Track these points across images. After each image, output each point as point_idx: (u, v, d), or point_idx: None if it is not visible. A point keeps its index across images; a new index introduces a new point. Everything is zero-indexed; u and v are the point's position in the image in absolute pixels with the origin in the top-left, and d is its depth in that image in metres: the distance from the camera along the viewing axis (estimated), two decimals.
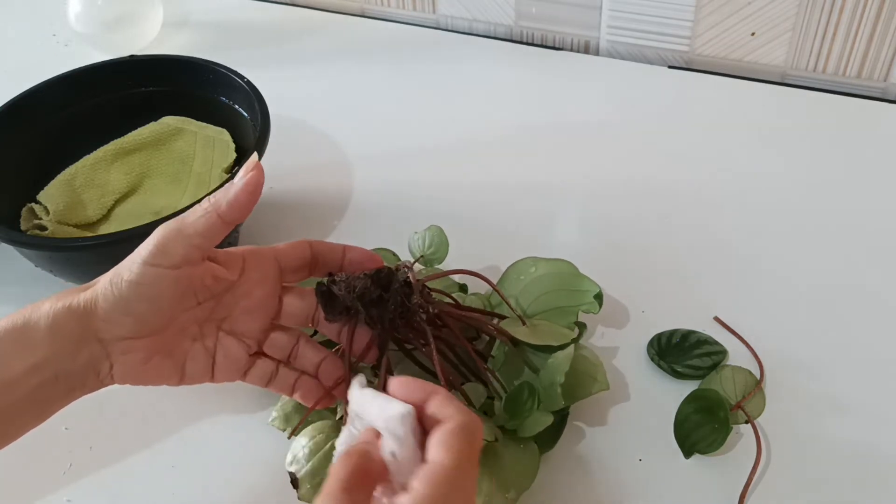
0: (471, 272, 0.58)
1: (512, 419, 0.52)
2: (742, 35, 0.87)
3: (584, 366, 0.56)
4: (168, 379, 0.48)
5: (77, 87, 0.75)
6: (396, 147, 0.83)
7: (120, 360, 0.46)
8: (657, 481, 0.54)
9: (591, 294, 0.59)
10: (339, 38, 1.00)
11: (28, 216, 0.70)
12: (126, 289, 0.44)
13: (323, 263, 0.51)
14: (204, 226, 0.45)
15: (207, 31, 1.03)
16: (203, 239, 0.45)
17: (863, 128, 0.81)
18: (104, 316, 0.44)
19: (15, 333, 0.44)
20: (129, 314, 0.45)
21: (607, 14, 0.91)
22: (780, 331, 0.62)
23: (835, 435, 0.56)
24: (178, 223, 0.45)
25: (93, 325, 0.44)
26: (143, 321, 0.45)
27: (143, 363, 0.46)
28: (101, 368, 0.45)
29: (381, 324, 0.50)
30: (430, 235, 0.64)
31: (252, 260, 0.50)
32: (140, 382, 0.47)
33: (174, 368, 0.48)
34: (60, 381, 0.44)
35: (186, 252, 0.45)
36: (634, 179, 0.77)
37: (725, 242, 0.70)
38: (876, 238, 0.69)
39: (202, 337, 0.49)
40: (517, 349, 0.56)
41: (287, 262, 0.50)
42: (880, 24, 0.81)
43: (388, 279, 0.50)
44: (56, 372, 0.44)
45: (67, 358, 0.44)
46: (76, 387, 0.45)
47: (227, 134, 0.74)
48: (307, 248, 0.51)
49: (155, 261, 0.44)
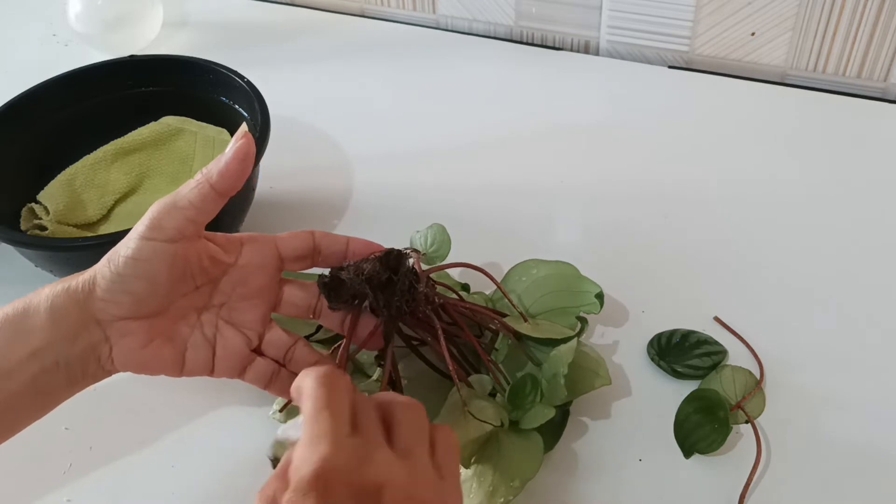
0: (474, 266, 0.58)
1: (515, 411, 0.53)
2: (742, 35, 0.87)
3: (586, 361, 0.56)
4: (168, 367, 0.48)
5: (77, 87, 0.75)
6: (396, 147, 0.83)
7: (119, 342, 0.46)
8: (657, 481, 0.54)
9: (591, 294, 0.59)
10: (339, 38, 1.00)
11: (28, 216, 0.70)
12: (123, 265, 0.45)
13: (326, 254, 0.51)
14: (197, 196, 0.46)
15: (207, 31, 1.03)
16: (197, 211, 0.46)
17: (863, 128, 0.81)
18: (102, 295, 0.45)
19: (15, 320, 0.44)
20: (127, 292, 0.45)
21: (607, 14, 0.91)
22: (780, 331, 0.62)
23: (835, 435, 0.56)
24: (172, 197, 0.46)
25: (91, 306, 0.45)
26: (141, 300, 0.45)
27: (143, 346, 0.46)
28: (100, 352, 0.45)
29: (388, 309, 0.50)
30: (432, 233, 0.64)
31: (251, 245, 0.50)
32: (141, 369, 0.47)
33: (174, 355, 0.48)
34: (61, 369, 0.45)
35: (180, 224, 0.45)
36: (634, 179, 0.77)
37: (725, 242, 0.70)
38: (876, 238, 0.69)
39: (201, 325, 0.49)
40: (520, 343, 0.56)
41: (288, 250, 0.51)
42: (880, 24, 0.81)
43: (398, 261, 0.50)
44: (57, 357, 0.44)
45: (67, 342, 0.44)
46: (77, 375, 0.45)
47: (227, 134, 0.75)
48: (310, 238, 0.51)
49: (150, 235, 0.45)
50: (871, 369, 0.59)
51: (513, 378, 0.55)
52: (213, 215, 0.47)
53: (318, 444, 0.37)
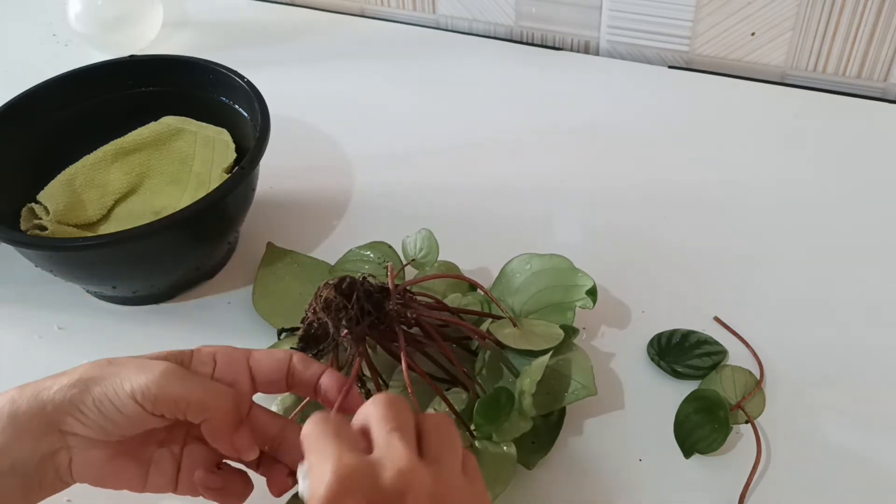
0: (459, 276, 0.58)
1: (487, 424, 0.51)
2: (742, 35, 0.87)
3: (573, 370, 0.56)
4: (129, 482, 0.46)
5: (77, 87, 0.75)
6: (396, 147, 0.83)
7: (80, 455, 0.44)
8: (657, 481, 0.54)
9: (584, 290, 0.59)
10: (339, 38, 1.00)
11: (28, 216, 0.70)
12: (107, 408, 0.43)
13: (298, 380, 0.48)
14: (206, 430, 0.45)
15: (207, 31, 1.03)
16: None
17: (863, 128, 0.81)
18: (76, 415, 0.43)
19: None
20: (101, 426, 0.44)
21: (607, 14, 0.91)
22: (780, 331, 0.62)
23: (835, 435, 0.56)
24: (180, 398, 0.44)
25: (58, 418, 0.43)
26: (113, 433, 0.44)
27: (105, 462, 0.45)
28: (59, 462, 0.44)
29: (350, 332, 0.50)
30: (420, 238, 0.64)
31: (223, 361, 0.47)
32: (100, 483, 0.46)
33: (137, 472, 0.46)
34: (17, 474, 0.43)
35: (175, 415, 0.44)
36: (635, 179, 0.77)
37: (725, 242, 0.70)
38: (875, 237, 0.69)
39: (169, 442, 0.47)
40: (503, 352, 0.56)
41: (262, 374, 0.48)
42: (880, 24, 0.81)
43: (351, 288, 0.50)
44: (13, 462, 0.42)
45: (25, 445, 0.43)
46: (34, 484, 0.44)
47: (227, 134, 0.74)
48: (285, 361, 0.48)
49: (145, 405, 0.43)
50: (871, 369, 0.59)
51: (490, 389, 0.54)
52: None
53: (326, 462, 0.36)
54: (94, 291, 0.69)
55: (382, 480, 0.36)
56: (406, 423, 0.39)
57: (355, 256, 0.67)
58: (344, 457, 0.36)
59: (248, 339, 0.62)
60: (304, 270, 0.68)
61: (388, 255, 0.66)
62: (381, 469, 0.37)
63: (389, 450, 0.37)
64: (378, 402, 0.40)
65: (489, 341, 0.56)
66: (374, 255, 0.66)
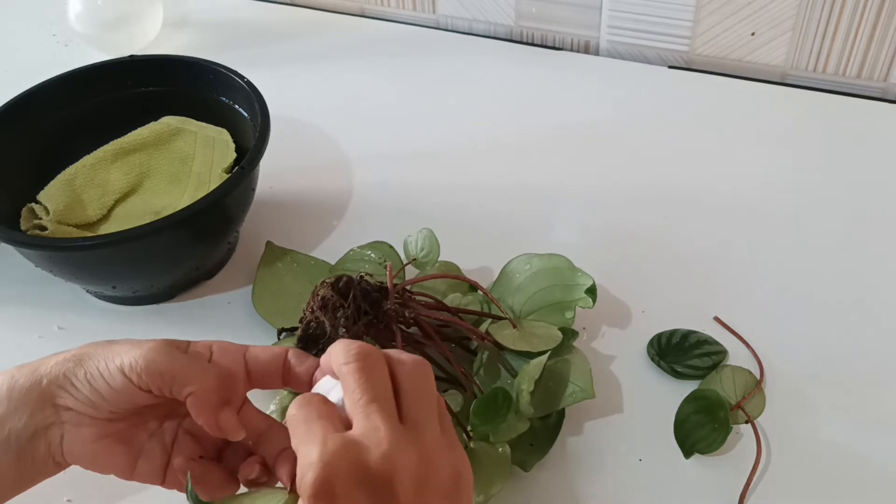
0: (458, 276, 0.58)
1: (483, 425, 0.51)
2: (742, 35, 0.87)
3: (571, 373, 0.56)
4: (118, 467, 0.47)
5: (77, 87, 0.75)
6: (396, 147, 0.83)
7: (72, 430, 0.45)
8: (657, 481, 0.54)
9: (583, 288, 0.59)
10: (339, 38, 1.00)
11: (28, 216, 0.70)
12: (98, 383, 0.44)
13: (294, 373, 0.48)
14: (191, 404, 0.45)
15: (207, 31, 1.03)
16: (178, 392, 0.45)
17: (863, 128, 0.81)
18: (69, 388, 0.44)
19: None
20: (93, 402, 0.44)
21: (607, 14, 0.91)
22: (780, 331, 0.62)
23: (834, 435, 0.56)
24: (177, 373, 0.44)
25: (52, 391, 0.44)
26: (104, 409, 0.45)
27: (94, 440, 0.45)
28: (51, 437, 0.44)
29: (347, 329, 0.51)
30: (422, 238, 0.64)
31: (220, 354, 0.47)
32: (89, 464, 0.46)
33: (126, 457, 0.46)
34: (11, 448, 0.43)
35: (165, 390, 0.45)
36: (635, 179, 0.77)
37: (725, 242, 0.70)
38: (876, 238, 0.69)
39: (161, 432, 0.48)
40: (501, 353, 0.56)
41: (258, 368, 0.48)
42: (880, 24, 0.81)
43: (348, 287, 0.51)
44: (8, 434, 0.43)
45: (20, 416, 0.43)
46: (26, 458, 0.44)
47: (227, 134, 0.74)
48: (281, 356, 0.48)
49: (134, 379, 0.44)
50: (871, 369, 0.59)
51: (488, 389, 0.54)
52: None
53: (312, 446, 0.37)
54: (94, 291, 0.69)
55: (368, 462, 0.37)
56: (382, 390, 0.39)
57: (356, 256, 0.67)
58: (328, 442, 0.37)
59: (249, 338, 0.62)
60: (304, 270, 0.68)
61: (389, 254, 0.66)
62: (365, 452, 0.37)
63: (371, 428, 0.38)
64: (351, 368, 0.40)
65: (488, 342, 0.56)
66: (375, 255, 0.66)
